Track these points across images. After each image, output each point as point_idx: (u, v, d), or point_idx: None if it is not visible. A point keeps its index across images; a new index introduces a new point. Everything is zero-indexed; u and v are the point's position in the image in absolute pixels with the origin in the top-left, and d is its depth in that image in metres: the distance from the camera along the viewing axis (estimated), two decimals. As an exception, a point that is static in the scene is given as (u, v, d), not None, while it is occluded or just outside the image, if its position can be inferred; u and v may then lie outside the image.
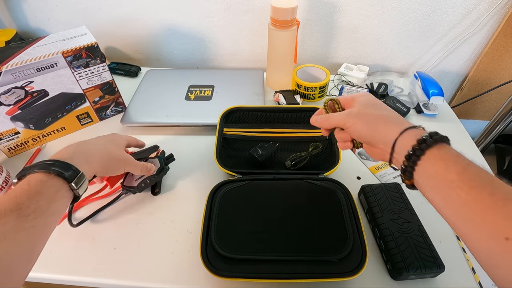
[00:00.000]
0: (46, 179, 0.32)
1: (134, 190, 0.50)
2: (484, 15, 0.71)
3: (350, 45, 0.81)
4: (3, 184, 0.52)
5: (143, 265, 0.44)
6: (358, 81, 0.76)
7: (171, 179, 0.55)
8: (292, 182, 0.49)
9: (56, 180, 0.33)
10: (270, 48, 0.71)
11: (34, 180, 0.32)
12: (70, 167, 0.35)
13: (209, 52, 0.86)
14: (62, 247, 0.45)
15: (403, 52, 0.81)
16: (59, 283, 0.43)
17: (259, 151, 0.55)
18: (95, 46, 0.57)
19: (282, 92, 0.71)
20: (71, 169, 0.35)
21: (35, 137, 0.60)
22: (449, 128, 0.66)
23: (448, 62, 0.82)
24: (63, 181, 0.33)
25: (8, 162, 0.58)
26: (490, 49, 0.76)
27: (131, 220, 0.49)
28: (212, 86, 0.73)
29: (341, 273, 0.38)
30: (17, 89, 0.54)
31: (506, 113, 0.78)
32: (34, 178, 0.32)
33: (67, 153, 0.37)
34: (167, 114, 0.66)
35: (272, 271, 0.39)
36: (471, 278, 0.42)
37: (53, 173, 0.33)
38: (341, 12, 0.75)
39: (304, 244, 0.41)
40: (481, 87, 0.83)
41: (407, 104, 0.70)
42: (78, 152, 0.38)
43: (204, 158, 0.59)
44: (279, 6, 0.61)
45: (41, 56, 0.53)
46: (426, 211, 0.48)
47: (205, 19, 0.79)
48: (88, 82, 0.60)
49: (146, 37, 0.84)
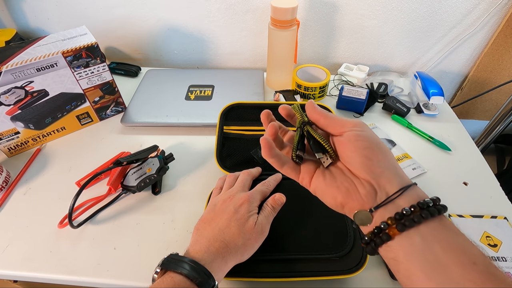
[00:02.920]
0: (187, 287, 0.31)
1: (133, 190, 0.50)
2: (484, 15, 0.71)
3: (350, 45, 0.81)
4: (3, 184, 0.52)
5: (143, 265, 0.43)
6: (358, 81, 0.76)
7: (171, 179, 0.55)
8: (291, 181, 0.49)
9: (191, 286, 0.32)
10: (270, 48, 0.71)
11: (178, 281, 0.32)
12: (209, 282, 0.32)
13: (209, 52, 0.86)
14: (62, 247, 0.45)
15: (403, 52, 0.81)
16: (59, 283, 0.43)
17: (259, 153, 0.55)
18: (95, 46, 0.57)
19: (282, 92, 0.71)
20: (210, 285, 0.32)
21: (35, 137, 0.60)
22: (449, 128, 0.66)
23: (448, 62, 0.82)
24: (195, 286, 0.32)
25: (8, 162, 0.58)
26: (490, 49, 0.76)
27: (131, 220, 0.49)
28: (212, 86, 0.73)
29: (342, 271, 0.38)
30: (17, 89, 0.53)
31: (506, 113, 0.78)
32: (178, 280, 0.32)
33: (209, 254, 0.35)
34: (167, 114, 0.66)
35: (272, 270, 0.39)
36: (471, 278, 0.42)
37: (196, 285, 0.32)
38: (341, 12, 0.75)
39: (304, 242, 0.41)
40: (481, 87, 0.83)
41: (407, 104, 0.70)
42: (219, 254, 0.35)
43: (204, 158, 0.59)
44: (279, 6, 0.61)
45: (41, 56, 0.53)
46: (426, 211, 0.48)
47: (205, 19, 0.79)
48: (88, 82, 0.60)
49: (146, 37, 0.84)
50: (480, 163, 0.59)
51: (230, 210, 0.39)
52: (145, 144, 0.59)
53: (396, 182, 0.26)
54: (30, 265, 0.44)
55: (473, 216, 0.49)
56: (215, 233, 0.37)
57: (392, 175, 0.27)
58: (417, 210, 0.24)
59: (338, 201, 0.28)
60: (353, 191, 0.27)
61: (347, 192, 0.28)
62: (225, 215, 0.38)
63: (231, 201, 0.40)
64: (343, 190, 0.28)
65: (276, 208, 0.42)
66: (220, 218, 0.38)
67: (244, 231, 0.37)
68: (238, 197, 0.40)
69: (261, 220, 0.39)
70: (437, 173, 0.56)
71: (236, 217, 0.38)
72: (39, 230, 0.47)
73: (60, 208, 0.48)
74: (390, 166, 0.27)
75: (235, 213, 0.38)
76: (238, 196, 0.41)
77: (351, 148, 0.28)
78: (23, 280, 0.45)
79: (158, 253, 0.44)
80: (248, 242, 0.37)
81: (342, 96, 0.67)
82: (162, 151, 0.56)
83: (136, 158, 0.52)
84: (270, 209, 0.41)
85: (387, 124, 0.67)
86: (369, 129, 0.30)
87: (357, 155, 0.28)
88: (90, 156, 0.59)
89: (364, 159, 0.27)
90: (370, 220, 0.26)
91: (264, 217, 0.39)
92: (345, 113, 0.69)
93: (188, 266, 0.32)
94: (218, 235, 0.36)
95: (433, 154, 0.60)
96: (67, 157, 0.59)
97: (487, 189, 0.54)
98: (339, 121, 0.30)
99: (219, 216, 0.39)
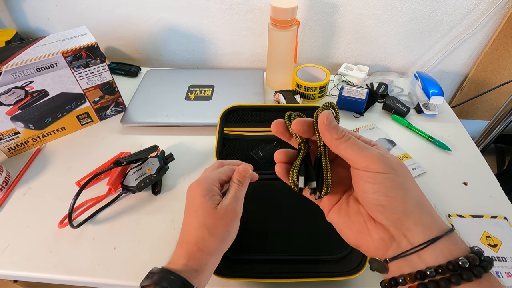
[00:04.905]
0: None
1: (133, 190, 0.50)
2: (484, 15, 0.71)
3: (350, 45, 0.81)
4: (3, 184, 0.52)
5: (143, 265, 0.43)
6: (358, 81, 0.76)
7: (171, 179, 0.55)
8: None
9: None
10: (270, 48, 0.71)
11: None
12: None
13: (209, 52, 0.86)
14: (62, 247, 0.45)
15: (403, 52, 0.81)
16: (59, 283, 0.43)
17: (260, 153, 0.55)
18: (95, 46, 0.57)
19: (282, 92, 0.71)
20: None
21: (35, 137, 0.60)
22: (449, 128, 0.66)
23: (448, 62, 0.82)
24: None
25: (8, 162, 0.58)
26: (490, 49, 0.76)
27: (131, 220, 0.49)
28: (212, 86, 0.73)
29: (342, 272, 0.38)
30: (17, 89, 0.53)
31: (506, 113, 0.78)
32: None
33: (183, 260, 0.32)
34: (167, 114, 0.66)
35: (272, 271, 0.39)
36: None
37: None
38: (341, 12, 0.75)
39: (304, 244, 0.41)
40: (481, 87, 0.83)
41: (407, 104, 0.70)
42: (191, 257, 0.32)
43: (204, 158, 0.59)
44: (279, 6, 0.61)
45: (41, 56, 0.53)
46: (426, 211, 0.48)
47: (205, 19, 0.79)
48: (88, 82, 0.60)
49: (146, 37, 0.84)
50: (480, 163, 0.59)
51: (187, 204, 0.36)
52: (145, 144, 0.59)
53: (420, 230, 0.22)
54: (30, 265, 0.44)
55: (473, 216, 0.49)
56: (183, 235, 0.34)
57: (415, 220, 0.22)
58: (446, 272, 0.20)
59: (351, 242, 0.26)
60: (364, 234, 0.24)
61: (359, 234, 0.25)
62: (185, 211, 0.36)
63: (188, 193, 0.36)
64: (355, 231, 0.25)
65: (243, 181, 0.37)
66: (184, 217, 0.35)
67: (205, 221, 0.33)
68: (191, 187, 0.36)
69: (226, 202, 0.34)
70: (437, 173, 0.56)
71: (194, 209, 0.34)
72: (39, 230, 0.47)
73: (60, 208, 0.48)
74: (413, 209, 0.23)
75: (191, 204, 0.35)
76: (191, 186, 0.36)
77: (365, 188, 0.24)
78: (23, 280, 0.45)
79: (158, 253, 0.45)
80: (216, 231, 0.33)
81: (342, 96, 0.67)
82: (162, 151, 0.56)
83: (136, 158, 0.52)
84: (237, 184, 0.36)
85: (387, 124, 0.67)
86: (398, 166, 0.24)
87: (371, 196, 0.23)
88: (90, 156, 0.59)
89: (379, 200, 0.23)
90: (386, 270, 0.23)
91: (231, 197, 0.35)
92: (345, 113, 0.69)
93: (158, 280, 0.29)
94: (185, 236, 0.34)
95: (433, 154, 0.60)
96: (67, 157, 0.59)
97: (487, 189, 0.54)
98: (366, 155, 0.24)
99: (184, 216, 0.36)
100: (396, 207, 0.23)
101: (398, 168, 0.24)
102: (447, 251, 0.21)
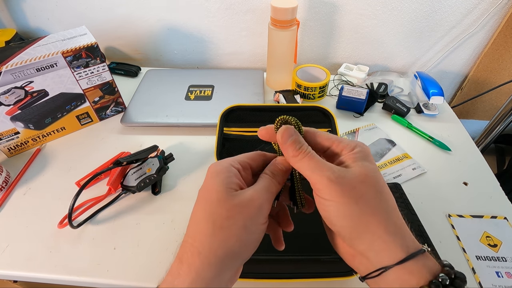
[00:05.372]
0: None
1: (133, 190, 0.50)
2: (484, 15, 0.71)
3: (350, 45, 0.81)
4: (3, 184, 0.52)
5: (143, 265, 0.43)
6: (358, 81, 0.76)
7: (171, 179, 0.55)
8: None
9: None
10: (270, 48, 0.71)
11: None
12: None
13: (209, 52, 0.86)
14: (62, 247, 0.45)
15: (403, 52, 0.81)
16: (59, 283, 0.43)
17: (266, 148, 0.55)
18: (95, 46, 0.57)
19: (282, 92, 0.71)
20: None
21: (35, 137, 0.60)
22: (449, 128, 0.66)
23: (448, 62, 0.82)
24: None
25: (8, 162, 0.58)
26: (490, 49, 0.76)
27: (131, 220, 0.49)
28: (212, 86, 0.73)
29: (342, 273, 0.38)
30: (17, 89, 0.53)
31: (506, 113, 0.78)
32: None
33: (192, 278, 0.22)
34: (167, 114, 0.66)
35: (273, 271, 0.39)
36: (471, 278, 0.42)
37: None
38: (341, 12, 0.75)
39: (304, 244, 0.41)
40: (481, 87, 0.83)
41: (407, 104, 0.70)
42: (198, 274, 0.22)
43: (204, 158, 0.59)
44: (279, 6, 0.61)
45: (41, 56, 0.53)
46: (426, 211, 0.48)
47: (205, 19, 0.79)
48: (88, 82, 0.60)
49: (146, 37, 0.84)
50: (480, 163, 0.59)
51: (198, 199, 0.25)
52: (145, 144, 0.59)
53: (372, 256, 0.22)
54: (30, 265, 0.44)
55: (473, 216, 0.49)
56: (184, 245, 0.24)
57: (365, 246, 0.22)
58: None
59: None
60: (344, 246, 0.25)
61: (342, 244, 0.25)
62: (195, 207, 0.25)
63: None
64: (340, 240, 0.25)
65: (277, 174, 0.26)
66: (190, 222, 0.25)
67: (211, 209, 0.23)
68: (210, 166, 0.26)
69: (251, 190, 0.24)
70: (437, 173, 0.56)
71: (202, 194, 0.25)
72: (39, 230, 0.47)
73: (60, 208, 0.48)
74: (363, 235, 0.22)
75: (202, 188, 0.25)
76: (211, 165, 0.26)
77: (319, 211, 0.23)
78: (23, 280, 0.45)
79: (158, 253, 0.45)
80: (227, 224, 0.22)
81: (342, 96, 0.67)
82: (162, 151, 0.56)
83: (136, 158, 0.52)
84: (269, 176, 0.26)
85: (387, 124, 0.67)
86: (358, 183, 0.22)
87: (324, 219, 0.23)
88: (90, 156, 0.59)
89: (328, 226, 0.23)
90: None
91: (259, 186, 0.25)
92: (345, 113, 0.69)
93: None
94: (190, 245, 0.23)
95: (433, 154, 0.60)
96: (67, 157, 0.59)
97: (487, 189, 0.54)
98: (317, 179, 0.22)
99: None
100: (344, 235, 0.22)
101: (358, 186, 0.22)
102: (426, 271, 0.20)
